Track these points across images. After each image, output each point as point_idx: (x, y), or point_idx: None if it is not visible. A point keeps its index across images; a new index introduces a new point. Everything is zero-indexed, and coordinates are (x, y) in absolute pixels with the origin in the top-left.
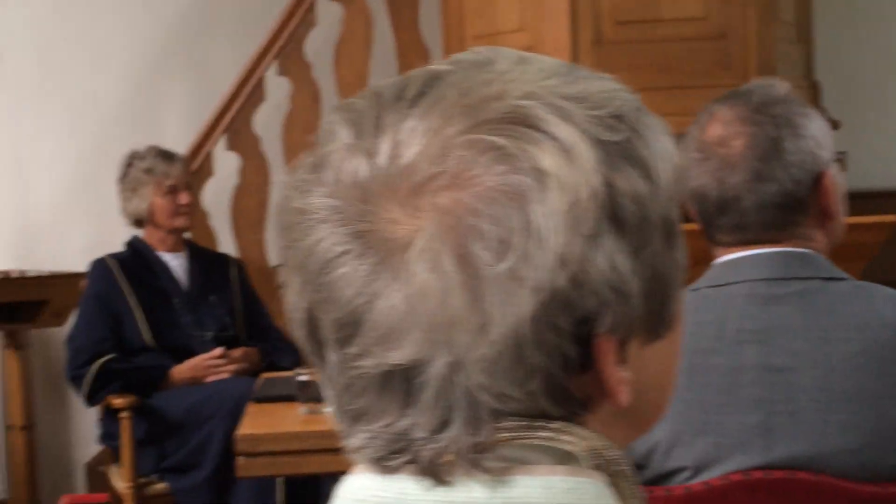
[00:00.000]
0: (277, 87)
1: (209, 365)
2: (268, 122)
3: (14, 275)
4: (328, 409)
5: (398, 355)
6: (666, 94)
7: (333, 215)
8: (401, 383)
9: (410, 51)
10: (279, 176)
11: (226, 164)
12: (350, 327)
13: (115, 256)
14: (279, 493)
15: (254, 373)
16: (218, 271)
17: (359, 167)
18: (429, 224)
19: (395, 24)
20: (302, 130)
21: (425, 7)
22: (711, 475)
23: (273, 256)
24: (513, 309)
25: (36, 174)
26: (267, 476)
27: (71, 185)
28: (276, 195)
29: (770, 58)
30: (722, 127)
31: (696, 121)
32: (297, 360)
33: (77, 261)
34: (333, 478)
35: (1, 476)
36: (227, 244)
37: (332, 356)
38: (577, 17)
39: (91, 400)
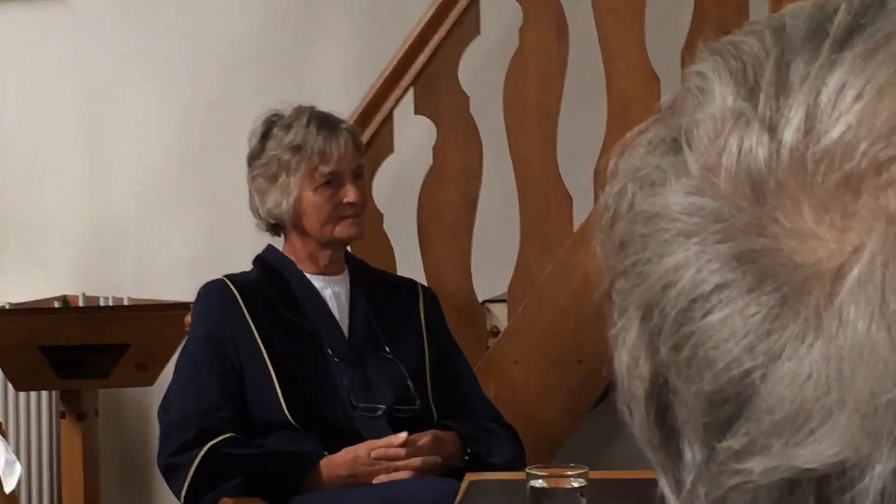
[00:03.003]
0: (498, 17)
1: (380, 457)
2: (480, 69)
3: (76, 303)
4: None
5: (813, 454)
6: None
7: (706, 225)
8: (813, 498)
9: None
10: (498, 157)
11: (410, 136)
12: (730, 406)
13: (236, 279)
14: None
15: (449, 471)
16: (396, 306)
17: (750, 147)
18: (871, 241)
19: None
20: (537, 86)
21: None
22: None
23: (484, 287)
24: None
25: (111, 156)
26: None
27: (161, 169)
28: (524, 185)
29: None
30: None
31: None
32: (518, 453)
33: (173, 284)
34: None
35: None
36: (408, 262)
37: (694, 452)
38: None
39: (193, 501)
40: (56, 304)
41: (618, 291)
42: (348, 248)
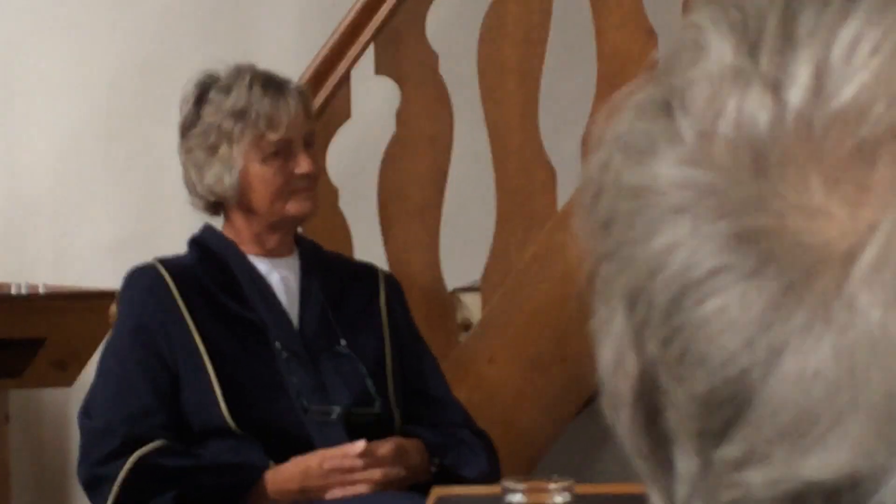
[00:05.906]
0: None
1: (335, 468)
2: (451, 23)
3: None
4: None
5: (821, 464)
6: None
7: (699, 200)
8: None
9: None
10: (471, 125)
11: (370, 100)
12: (727, 410)
13: (169, 263)
14: None
15: (414, 485)
16: (353, 295)
17: (750, 111)
18: (888, 218)
19: None
20: (517, 42)
21: None
22: None
23: (454, 274)
24: None
25: (24, 121)
26: None
27: (82, 135)
28: (501, 157)
29: None
30: None
31: None
32: (493, 464)
33: (96, 269)
34: None
35: None
36: (367, 245)
37: (688, 462)
38: None
39: None
40: None
41: (601, 277)
42: (299, 230)
